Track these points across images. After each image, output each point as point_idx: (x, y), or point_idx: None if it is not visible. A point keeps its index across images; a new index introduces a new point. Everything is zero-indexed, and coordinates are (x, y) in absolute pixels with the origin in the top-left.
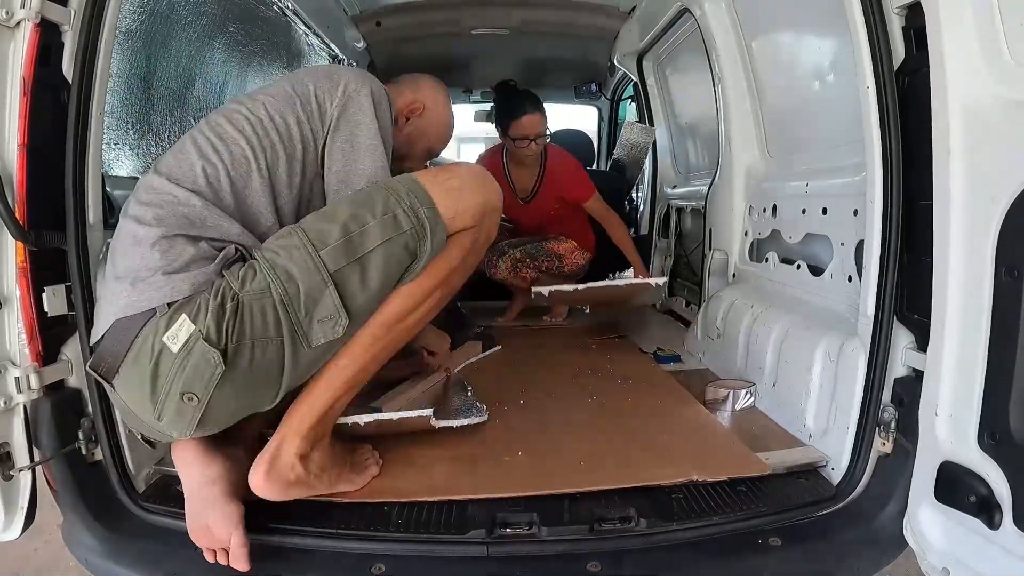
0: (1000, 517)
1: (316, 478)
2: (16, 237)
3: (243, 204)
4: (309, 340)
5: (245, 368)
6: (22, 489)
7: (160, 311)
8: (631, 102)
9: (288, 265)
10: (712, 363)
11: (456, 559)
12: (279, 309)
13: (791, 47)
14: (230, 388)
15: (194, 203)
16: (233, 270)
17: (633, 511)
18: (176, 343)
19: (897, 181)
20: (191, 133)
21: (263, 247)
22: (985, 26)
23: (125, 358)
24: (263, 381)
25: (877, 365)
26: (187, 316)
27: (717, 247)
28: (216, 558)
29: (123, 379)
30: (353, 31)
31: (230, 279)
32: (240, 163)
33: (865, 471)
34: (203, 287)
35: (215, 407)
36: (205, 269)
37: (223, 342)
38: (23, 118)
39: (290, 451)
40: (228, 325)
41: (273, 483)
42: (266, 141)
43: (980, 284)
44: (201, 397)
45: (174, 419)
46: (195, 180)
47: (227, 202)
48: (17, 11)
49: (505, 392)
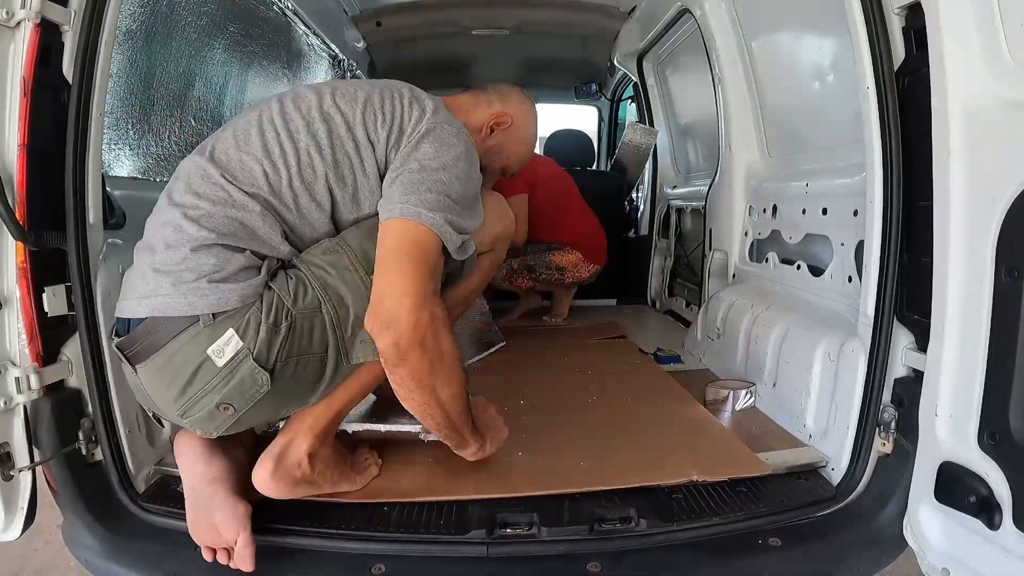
0: (1000, 517)
1: (320, 476)
2: (16, 237)
3: (301, 217)
4: (350, 358)
5: (286, 382)
6: (22, 489)
7: (204, 320)
8: (631, 102)
9: (340, 287)
10: (712, 363)
11: (456, 559)
12: (328, 329)
13: (791, 47)
14: (267, 400)
15: (252, 209)
16: (280, 282)
17: (633, 511)
18: (222, 358)
19: (897, 181)
20: (258, 117)
21: (307, 260)
22: (985, 26)
23: (157, 354)
24: (298, 393)
25: (877, 365)
26: (234, 331)
27: (717, 247)
28: (216, 557)
29: (150, 371)
30: (353, 31)
31: (282, 295)
32: (307, 172)
33: (865, 471)
34: (250, 299)
35: (247, 416)
36: (252, 281)
37: (272, 362)
38: (23, 118)
39: (301, 448)
40: (281, 344)
41: (279, 480)
42: (340, 152)
43: (980, 284)
44: (238, 408)
45: (202, 421)
46: (255, 183)
47: (284, 215)
48: (17, 11)
49: (505, 392)
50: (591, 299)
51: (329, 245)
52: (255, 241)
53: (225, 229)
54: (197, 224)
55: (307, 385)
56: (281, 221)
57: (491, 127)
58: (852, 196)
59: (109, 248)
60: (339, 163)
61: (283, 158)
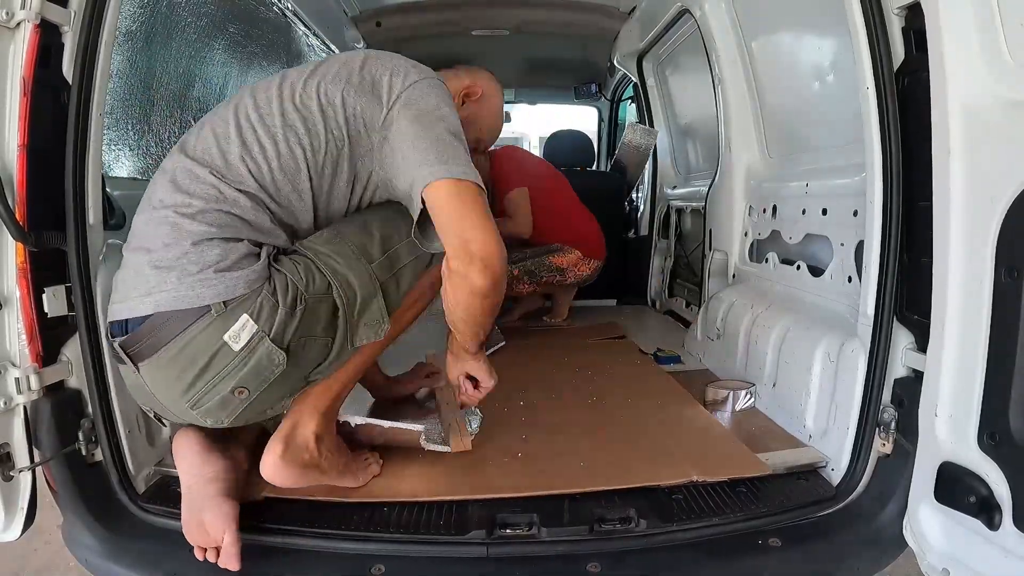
0: (1000, 518)
1: (327, 461)
2: (16, 238)
3: (285, 208)
4: (353, 340)
5: (294, 363)
6: (22, 490)
7: (216, 309)
8: (631, 103)
9: (348, 274)
10: (712, 364)
11: (456, 560)
12: (337, 312)
13: (791, 48)
14: (278, 382)
15: (243, 204)
16: (288, 266)
17: (633, 512)
18: (238, 342)
19: (897, 181)
20: (235, 112)
21: (312, 248)
22: (985, 26)
23: (165, 348)
24: (302, 375)
25: (877, 366)
26: (249, 316)
27: (717, 248)
28: (206, 556)
29: (155, 366)
30: (353, 31)
31: (294, 279)
32: (288, 163)
33: (865, 471)
34: (255, 284)
35: (258, 401)
36: (255, 267)
37: (287, 342)
38: (23, 119)
39: (308, 428)
40: (296, 325)
41: (290, 463)
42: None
43: (980, 284)
44: (253, 391)
45: (214, 409)
46: (241, 179)
47: (270, 207)
48: (17, 12)
49: (505, 392)
50: (591, 299)
51: (329, 235)
52: (251, 230)
53: (222, 222)
54: (193, 220)
55: (309, 366)
56: (269, 212)
57: (463, 97)
58: (852, 196)
59: (109, 248)
60: (316, 151)
61: (263, 153)
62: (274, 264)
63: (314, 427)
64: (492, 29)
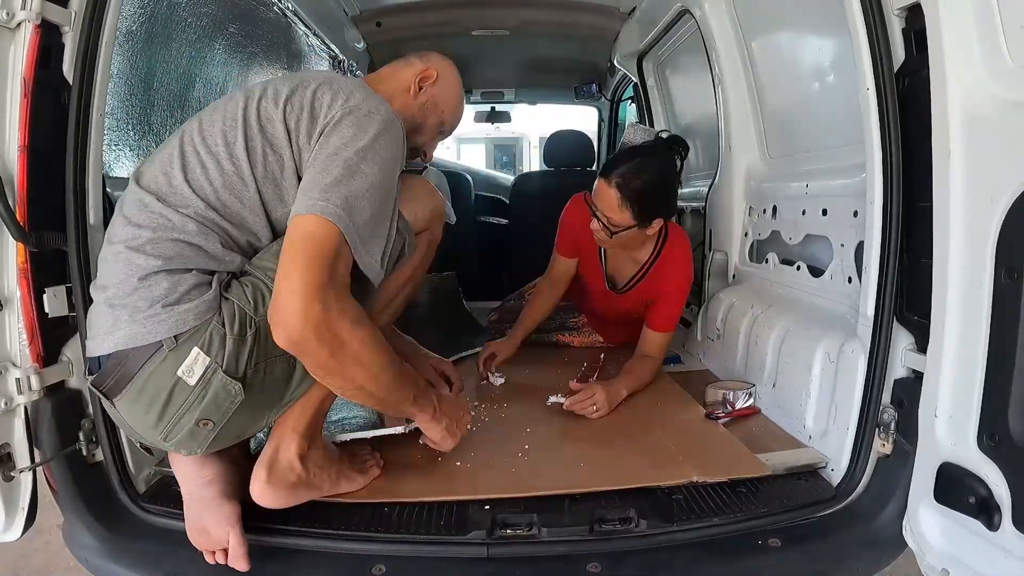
0: (999, 518)
1: (317, 477)
2: (17, 238)
3: (239, 226)
4: None
5: (259, 388)
6: (23, 490)
7: (167, 344)
8: (631, 103)
9: None
10: (712, 364)
11: (456, 560)
12: None
13: (791, 48)
14: (244, 408)
15: (190, 229)
16: (236, 291)
17: (633, 512)
18: (192, 376)
19: (897, 182)
20: (180, 140)
21: (260, 265)
22: (985, 28)
23: (130, 384)
24: (272, 396)
25: (877, 366)
26: (200, 349)
27: (717, 248)
28: (216, 559)
29: (127, 402)
30: (353, 31)
31: (242, 304)
32: (234, 181)
33: (865, 472)
34: (206, 315)
35: (227, 428)
36: (205, 297)
37: (242, 370)
38: (24, 119)
39: (289, 451)
40: (249, 352)
41: (276, 487)
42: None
43: (980, 285)
44: (217, 422)
45: (185, 441)
46: (187, 203)
47: (223, 226)
48: (18, 12)
49: (506, 392)
50: None
51: (278, 248)
52: (201, 258)
53: (170, 252)
54: (141, 253)
55: (279, 388)
56: (221, 233)
57: (419, 84)
58: (852, 197)
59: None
60: (255, 165)
61: (205, 174)
62: (224, 293)
63: (295, 449)
64: (492, 29)
